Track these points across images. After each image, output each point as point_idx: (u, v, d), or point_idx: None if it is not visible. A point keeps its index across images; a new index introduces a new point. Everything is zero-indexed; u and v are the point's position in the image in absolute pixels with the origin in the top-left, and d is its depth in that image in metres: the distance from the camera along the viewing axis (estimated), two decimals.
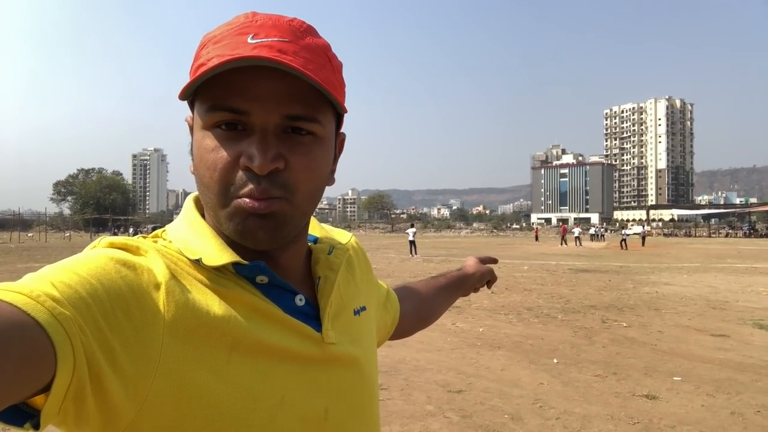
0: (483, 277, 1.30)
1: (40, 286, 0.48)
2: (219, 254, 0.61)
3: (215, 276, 0.61)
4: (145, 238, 0.66)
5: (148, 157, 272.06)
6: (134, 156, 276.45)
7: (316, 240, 0.79)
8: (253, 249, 0.63)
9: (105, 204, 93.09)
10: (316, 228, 0.81)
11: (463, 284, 1.26)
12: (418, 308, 1.13)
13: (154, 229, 0.70)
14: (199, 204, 0.69)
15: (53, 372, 0.44)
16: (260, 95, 0.57)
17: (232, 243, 0.64)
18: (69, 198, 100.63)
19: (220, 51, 0.58)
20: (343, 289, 0.76)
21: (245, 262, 0.61)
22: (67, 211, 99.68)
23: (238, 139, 0.59)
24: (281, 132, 0.60)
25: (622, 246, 35.71)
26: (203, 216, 0.68)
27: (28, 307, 0.45)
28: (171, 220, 0.70)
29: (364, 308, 0.80)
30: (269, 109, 0.58)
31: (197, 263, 0.61)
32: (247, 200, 0.59)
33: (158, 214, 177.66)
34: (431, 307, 1.18)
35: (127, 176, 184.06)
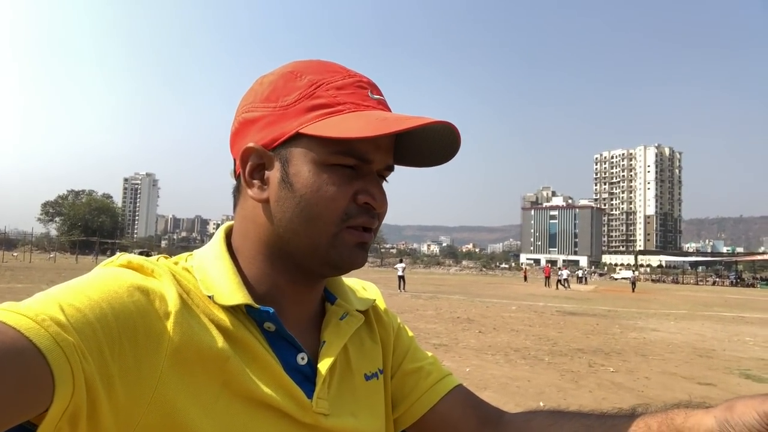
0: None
1: (46, 308, 0.48)
2: (233, 294, 0.62)
3: (226, 313, 0.62)
4: (167, 258, 0.67)
5: (139, 182, 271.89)
6: (125, 180, 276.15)
7: (334, 300, 0.77)
8: (342, 272, 0.68)
9: (93, 226, 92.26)
10: (339, 284, 0.79)
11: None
12: None
13: (141, 254, 0.71)
14: (228, 236, 0.71)
15: (51, 398, 0.45)
16: (381, 147, 0.65)
17: (269, 276, 0.68)
18: (57, 219, 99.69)
19: (350, 99, 0.65)
20: (354, 354, 0.75)
21: (257, 305, 0.62)
22: (54, 232, 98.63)
23: (353, 178, 0.65)
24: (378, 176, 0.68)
25: (557, 286, 35.71)
26: (230, 248, 0.70)
27: (30, 332, 0.45)
28: (159, 246, 0.74)
29: (381, 371, 0.78)
30: (381, 159, 0.66)
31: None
32: (360, 232, 0.65)
33: (146, 239, 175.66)
34: None
35: (118, 199, 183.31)
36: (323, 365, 0.68)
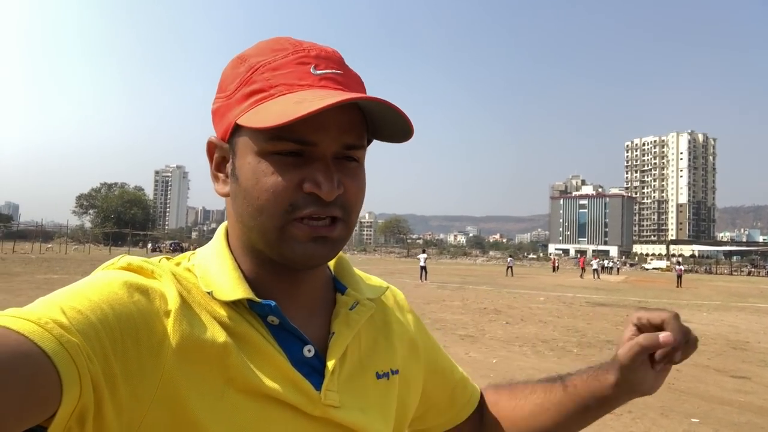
0: (634, 354, 0.75)
1: (48, 312, 0.48)
2: (232, 289, 0.61)
3: (227, 309, 0.61)
4: (169, 259, 0.67)
5: (170, 174, 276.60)
6: (157, 172, 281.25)
7: (344, 290, 0.75)
8: (300, 268, 0.64)
9: (125, 218, 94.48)
10: (349, 274, 0.77)
11: (595, 390, 0.82)
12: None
13: (171, 245, 0.72)
14: (227, 233, 0.70)
15: (59, 400, 0.45)
16: (327, 126, 0.59)
17: (260, 270, 0.65)
18: (91, 211, 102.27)
19: (285, 80, 0.60)
20: (366, 349, 0.73)
21: (257, 299, 0.61)
22: (88, 224, 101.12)
23: (298, 165, 0.60)
24: (336, 159, 0.61)
25: (507, 273, 36.23)
26: (230, 245, 0.68)
27: (35, 335, 0.45)
28: (189, 237, 0.72)
29: (395, 371, 0.75)
30: (333, 139, 0.60)
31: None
32: (309, 224, 0.60)
33: (177, 231, 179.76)
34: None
35: (149, 192, 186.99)
36: (332, 357, 0.66)
